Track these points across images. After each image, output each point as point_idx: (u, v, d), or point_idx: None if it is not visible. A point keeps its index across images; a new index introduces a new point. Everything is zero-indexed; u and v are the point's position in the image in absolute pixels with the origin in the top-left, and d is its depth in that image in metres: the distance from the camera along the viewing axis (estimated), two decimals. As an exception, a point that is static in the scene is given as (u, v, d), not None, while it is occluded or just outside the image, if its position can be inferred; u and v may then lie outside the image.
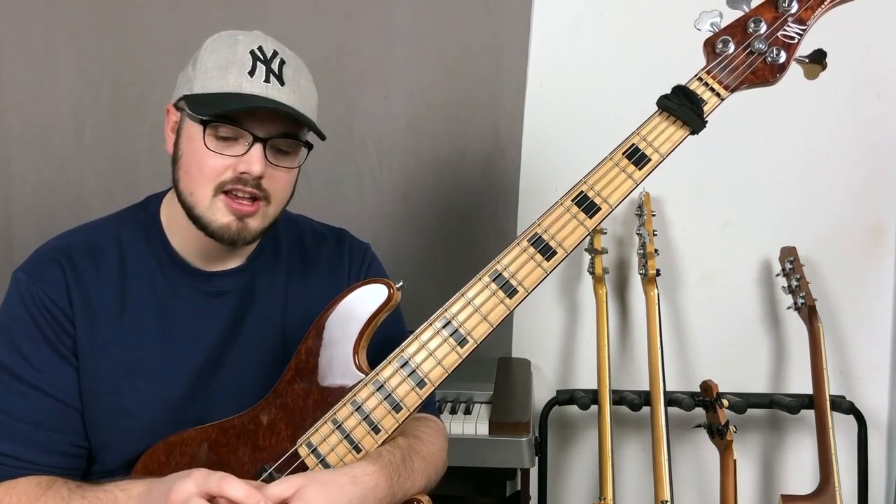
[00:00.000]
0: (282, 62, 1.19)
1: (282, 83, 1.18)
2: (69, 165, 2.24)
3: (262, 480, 1.15)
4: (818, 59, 1.20)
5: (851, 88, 2.16)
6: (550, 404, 2.16)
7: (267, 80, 1.17)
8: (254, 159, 1.16)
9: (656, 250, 2.11)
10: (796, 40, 1.19)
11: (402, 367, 1.14)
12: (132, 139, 2.21)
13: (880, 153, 2.18)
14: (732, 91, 1.19)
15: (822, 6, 1.19)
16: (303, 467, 1.15)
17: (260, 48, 1.19)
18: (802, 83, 1.26)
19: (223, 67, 1.17)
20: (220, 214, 1.18)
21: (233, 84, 1.16)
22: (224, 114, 1.15)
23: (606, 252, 2.17)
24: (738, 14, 1.20)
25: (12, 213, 2.25)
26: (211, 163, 1.16)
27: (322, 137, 1.22)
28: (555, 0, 2.19)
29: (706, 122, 1.18)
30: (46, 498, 1.14)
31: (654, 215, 2.14)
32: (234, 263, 1.29)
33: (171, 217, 1.27)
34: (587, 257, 2.20)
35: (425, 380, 1.13)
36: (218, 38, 1.21)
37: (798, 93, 1.98)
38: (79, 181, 2.24)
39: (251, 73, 1.17)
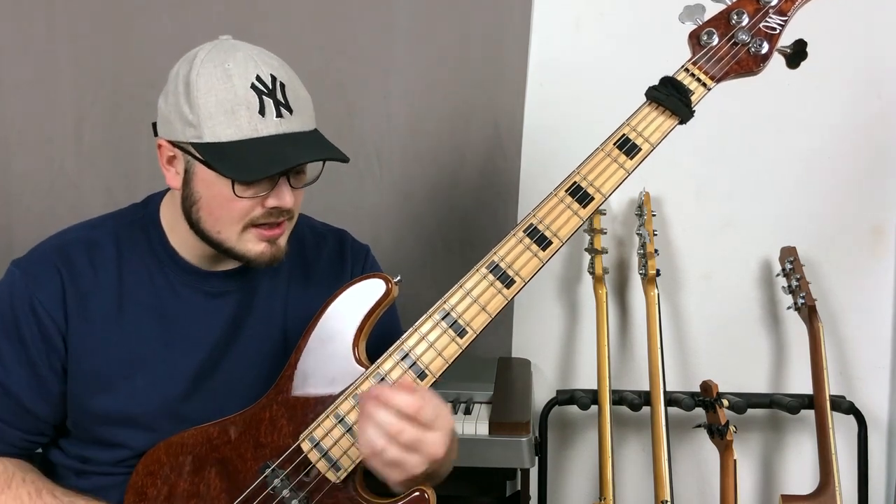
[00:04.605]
0: (282, 86, 1.15)
1: (291, 111, 1.14)
2: (69, 165, 2.23)
3: (265, 478, 1.16)
4: (800, 49, 1.23)
5: (851, 88, 2.15)
6: (550, 404, 2.16)
7: (279, 115, 1.13)
8: (284, 193, 1.16)
9: (656, 250, 2.11)
10: (778, 31, 1.22)
11: (402, 359, 1.14)
12: (132, 139, 2.21)
13: (880, 153, 2.18)
14: (718, 81, 1.22)
15: None
16: (306, 462, 1.15)
17: (258, 78, 1.13)
18: (802, 83, 1.27)
19: (229, 111, 1.11)
20: (251, 245, 1.19)
21: (246, 129, 1.12)
22: (264, 178, 1.12)
23: (606, 252, 2.16)
24: (721, 7, 1.24)
25: (12, 213, 2.25)
26: (239, 206, 1.16)
27: (345, 160, 1.18)
28: (555, 0, 2.20)
29: (694, 111, 1.21)
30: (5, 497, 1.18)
31: (654, 215, 2.14)
32: (234, 264, 1.29)
33: (171, 217, 1.27)
34: (587, 257, 2.20)
35: (426, 371, 1.14)
36: (204, 73, 1.13)
37: (798, 92, 1.99)
38: (79, 181, 2.23)
39: (261, 111, 1.12)
